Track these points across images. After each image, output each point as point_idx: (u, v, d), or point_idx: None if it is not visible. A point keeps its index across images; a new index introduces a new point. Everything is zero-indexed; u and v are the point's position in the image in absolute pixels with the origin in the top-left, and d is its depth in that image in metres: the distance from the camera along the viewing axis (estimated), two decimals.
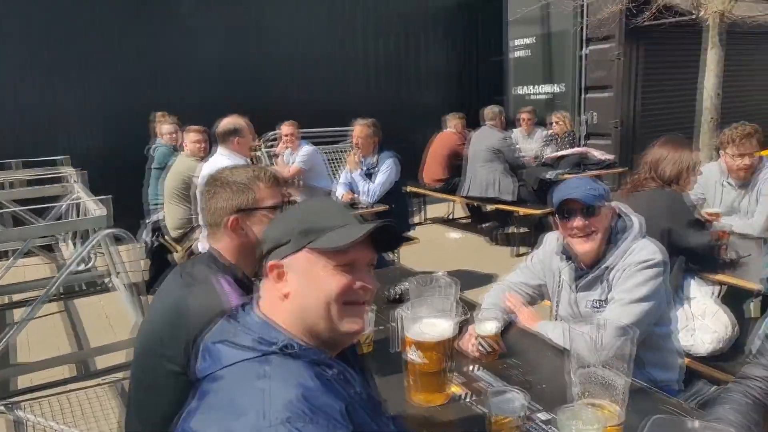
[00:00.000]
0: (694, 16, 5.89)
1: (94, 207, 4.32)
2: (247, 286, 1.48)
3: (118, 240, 4.11)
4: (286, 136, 5.48)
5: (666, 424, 1.03)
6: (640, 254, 1.87)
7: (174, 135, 5.57)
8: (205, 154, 4.53)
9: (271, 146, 6.94)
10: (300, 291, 1.08)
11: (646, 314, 1.83)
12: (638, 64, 7.22)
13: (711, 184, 3.36)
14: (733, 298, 2.91)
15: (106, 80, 7.12)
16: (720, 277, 2.65)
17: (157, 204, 5.24)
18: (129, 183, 5.74)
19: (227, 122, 3.73)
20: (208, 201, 1.54)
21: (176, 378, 1.33)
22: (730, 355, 2.42)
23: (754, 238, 3.04)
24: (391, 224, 1.11)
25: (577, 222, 1.88)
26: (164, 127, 5.59)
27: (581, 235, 1.89)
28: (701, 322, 2.43)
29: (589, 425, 1.24)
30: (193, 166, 4.35)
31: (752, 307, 3.10)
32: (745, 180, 3.22)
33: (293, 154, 5.59)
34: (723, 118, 5.90)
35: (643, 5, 6.29)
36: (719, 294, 2.71)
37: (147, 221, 5.21)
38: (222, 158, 3.59)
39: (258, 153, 7.24)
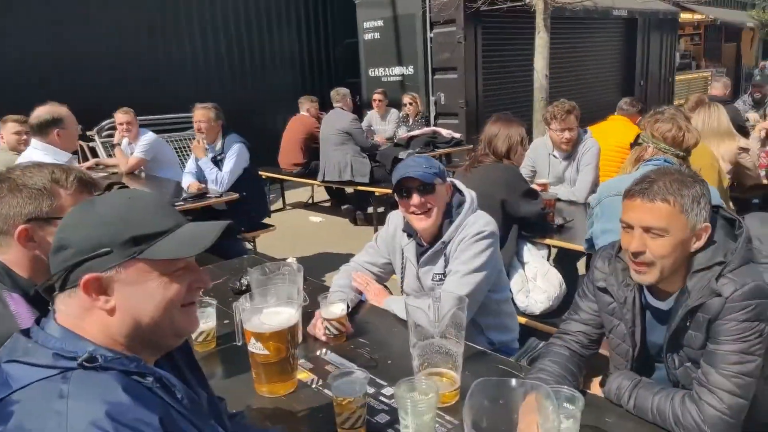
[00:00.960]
0: (523, 2, 6.36)
1: None
2: (42, 304, 1.29)
3: None
4: (121, 124, 5.01)
5: (488, 386, 1.07)
6: (473, 227, 1.97)
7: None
8: (26, 146, 3.97)
9: (108, 136, 6.33)
10: (132, 304, 0.96)
11: (482, 283, 1.94)
12: (479, 47, 7.68)
13: (540, 157, 3.67)
14: (563, 260, 3.23)
15: None
16: (549, 240, 2.91)
17: None
18: None
19: (44, 111, 3.26)
20: None
21: None
22: (559, 311, 2.67)
23: (579, 204, 3.39)
24: (231, 226, 1.03)
25: (415, 199, 1.93)
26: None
27: (420, 212, 1.95)
28: (534, 284, 2.65)
29: (424, 395, 1.27)
30: (13, 161, 3.80)
31: (579, 266, 3.47)
32: (568, 152, 3.56)
33: (132, 144, 5.14)
34: (552, 96, 6.49)
35: None
36: (549, 257, 2.97)
37: None
38: (38, 153, 3.13)
39: (93, 144, 6.58)
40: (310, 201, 7.60)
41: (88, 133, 6.29)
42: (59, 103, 3.37)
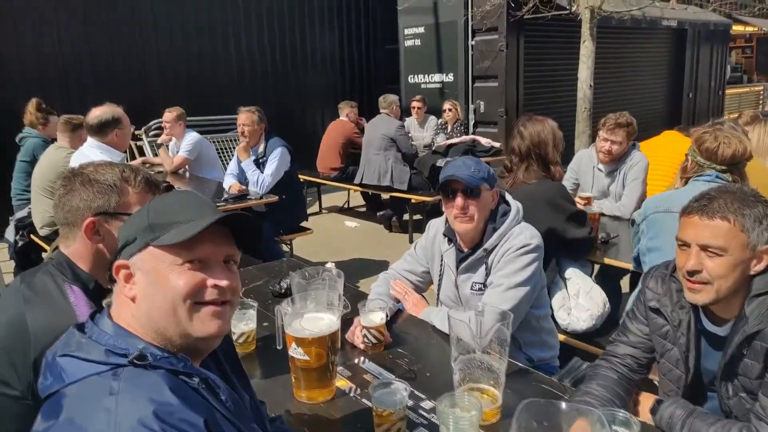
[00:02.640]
0: (569, 11, 6.25)
1: None
2: (100, 299, 1.32)
3: None
4: (168, 123, 5.13)
5: (536, 407, 1.04)
6: (517, 239, 1.92)
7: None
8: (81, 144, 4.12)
9: (155, 136, 6.50)
10: (146, 293, 0.98)
11: (524, 298, 1.89)
12: (521, 55, 7.59)
13: (584, 169, 3.59)
14: (606, 277, 3.14)
15: None
16: (592, 257, 2.82)
17: (22, 200, 4.71)
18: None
19: (103, 112, 3.38)
20: (63, 197, 1.34)
21: (16, 404, 1.15)
22: (604, 330, 2.59)
23: (623, 220, 3.29)
24: (240, 214, 1.03)
25: (458, 202, 1.91)
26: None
27: (462, 215, 1.92)
28: (576, 301, 2.58)
29: (466, 412, 1.25)
30: (66, 158, 3.94)
31: (622, 284, 3.36)
32: (605, 162, 3.47)
33: (178, 144, 5.26)
34: (596, 107, 6.36)
35: None
36: (593, 273, 2.89)
37: (12, 218, 4.67)
38: (94, 152, 3.24)
39: (140, 143, 6.77)
40: (346, 205, 7.64)
41: (136, 132, 6.47)
42: (114, 103, 3.48)
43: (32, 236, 4.38)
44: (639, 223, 2.47)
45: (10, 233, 4.52)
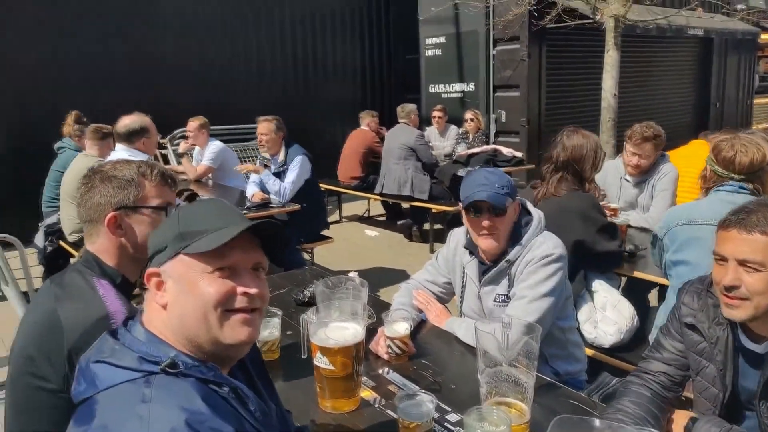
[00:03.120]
0: (593, 20, 6.20)
1: None
2: (126, 293, 1.35)
3: (8, 245, 3.75)
4: (192, 132, 5.20)
5: (569, 424, 1.02)
6: (540, 249, 1.90)
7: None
8: (108, 153, 4.20)
9: (178, 144, 6.59)
10: (177, 300, 0.99)
11: (548, 309, 1.86)
12: (544, 65, 7.54)
13: (611, 180, 3.53)
14: (633, 290, 3.07)
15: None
16: (620, 270, 2.77)
17: (52, 207, 4.81)
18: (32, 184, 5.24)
19: (132, 121, 3.46)
20: (85, 195, 1.39)
21: (53, 397, 1.19)
22: (632, 345, 2.53)
23: (651, 232, 3.21)
24: (270, 222, 1.04)
25: (484, 222, 1.88)
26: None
27: (488, 234, 1.89)
28: (603, 314, 2.53)
29: (495, 426, 1.22)
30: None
31: (650, 297, 3.29)
32: (634, 175, 3.41)
33: (201, 152, 5.32)
34: (620, 117, 6.28)
35: (546, 8, 6.56)
36: (620, 286, 2.83)
37: (42, 224, 4.77)
38: (123, 155, 3.33)
39: (164, 152, 6.87)
40: (366, 214, 7.64)
41: (161, 141, 6.57)
42: (142, 113, 3.56)
43: (61, 242, 4.46)
44: (661, 237, 2.41)
45: (39, 239, 4.61)
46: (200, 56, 7.80)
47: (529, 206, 2.01)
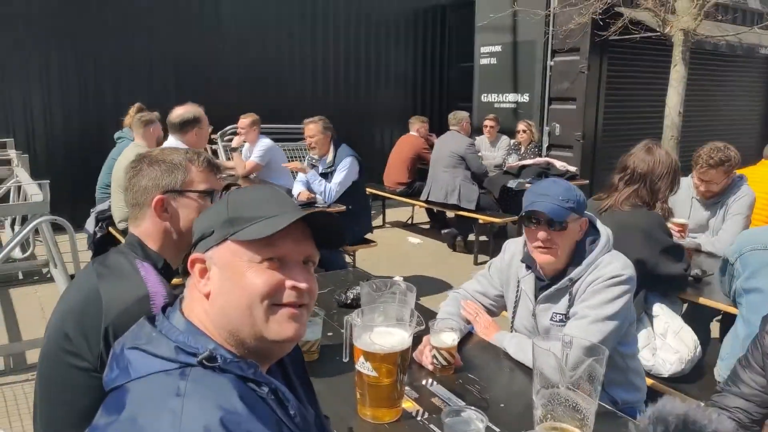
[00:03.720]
0: (660, 33, 5.95)
1: (35, 192, 4.07)
2: (168, 278, 1.31)
3: (60, 229, 3.86)
4: (243, 128, 5.24)
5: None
6: (608, 268, 1.76)
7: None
8: (160, 144, 4.26)
9: (230, 141, 6.68)
10: (221, 289, 0.92)
11: (611, 334, 1.72)
12: (604, 78, 7.29)
13: (681, 199, 3.30)
14: (695, 317, 2.87)
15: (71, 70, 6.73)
16: (683, 294, 2.58)
17: (105, 194, 4.93)
18: (91, 170, 5.40)
19: (185, 111, 3.48)
20: (132, 179, 1.39)
21: (85, 376, 1.16)
22: (692, 376, 2.34)
23: (719, 257, 2.99)
24: (326, 213, 0.97)
25: (540, 234, 1.76)
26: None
27: (543, 246, 1.77)
28: (663, 341, 2.35)
29: None
30: None
31: (712, 327, 3.07)
32: (707, 200, 3.18)
33: (251, 149, 5.36)
34: (683, 136, 5.99)
35: (611, 18, 6.34)
36: (681, 313, 2.64)
37: (93, 210, 4.89)
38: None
39: (215, 147, 6.97)
40: (410, 221, 7.55)
41: (212, 136, 6.68)
42: (194, 104, 3.57)
43: (110, 229, 4.56)
44: (733, 262, 2.23)
45: (90, 224, 4.72)
46: (256, 56, 7.91)
47: (598, 224, 1.87)
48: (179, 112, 3.40)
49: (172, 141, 3.48)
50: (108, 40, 6.88)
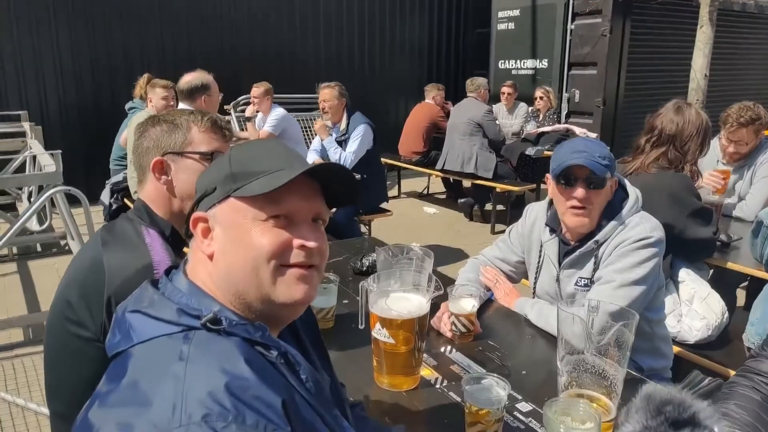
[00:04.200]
0: None
1: (48, 162, 4.07)
2: (175, 244, 1.27)
3: (76, 201, 3.87)
4: (256, 98, 5.16)
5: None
6: (635, 230, 1.68)
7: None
8: (165, 106, 4.20)
9: (242, 111, 6.61)
10: (225, 249, 0.86)
11: (638, 299, 1.64)
12: (626, 41, 7.03)
13: (707, 162, 3.18)
14: (721, 283, 2.78)
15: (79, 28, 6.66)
16: (710, 260, 2.49)
17: (120, 166, 4.92)
18: (105, 142, 5.39)
19: (194, 77, 3.40)
20: (137, 140, 1.34)
21: (89, 346, 1.13)
22: (719, 342, 2.27)
23: (747, 222, 2.89)
24: (336, 165, 0.89)
25: (579, 192, 1.66)
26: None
27: (580, 206, 1.68)
28: (689, 307, 2.28)
29: (580, 422, 1.05)
30: None
31: (737, 293, 2.98)
32: (734, 162, 3.06)
33: (264, 118, 5.29)
34: (709, 100, 5.78)
35: None
36: (708, 278, 2.55)
37: (108, 182, 4.89)
38: None
39: (228, 117, 6.91)
40: (426, 191, 7.47)
41: (225, 107, 6.61)
42: (204, 70, 3.49)
43: (126, 200, 4.56)
44: (767, 225, 2.14)
45: (105, 196, 4.72)
46: (270, 25, 7.78)
47: (627, 184, 1.79)
48: (187, 79, 3.33)
49: (181, 107, 3.42)
50: (121, 9, 6.79)
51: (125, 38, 6.90)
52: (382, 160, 6.13)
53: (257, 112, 5.32)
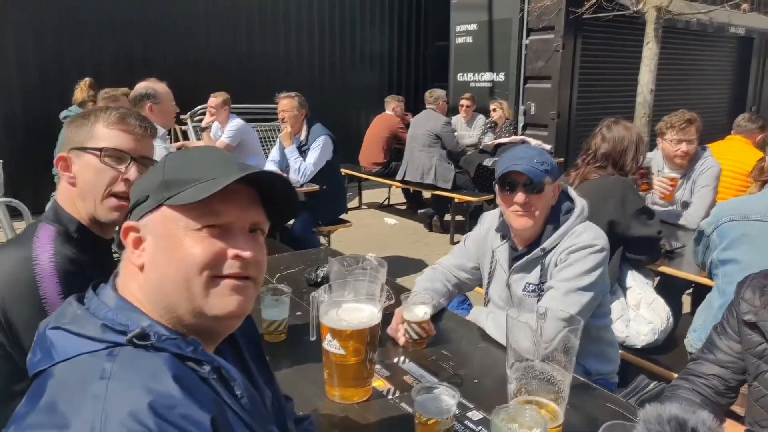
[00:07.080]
0: (633, 10, 5.93)
1: None
2: (84, 242, 1.23)
3: (18, 213, 3.71)
4: (213, 108, 5.08)
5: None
6: (581, 237, 1.72)
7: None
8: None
9: (200, 121, 6.49)
10: (156, 260, 0.82)
11: (587, 305, 1.69)
12: (578, 56, 7.27)
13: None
14: (667, 290, 2.88)
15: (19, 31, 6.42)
16: (656, 267, 2.58)
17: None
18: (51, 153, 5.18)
19: (141, 85, 3.34)
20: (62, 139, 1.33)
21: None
22: (664, 347, 2.35)
23: (689, 230, 3.00)
24: (273, 173, 0.87)
25: (519, 197, 1.72)
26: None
27: (521, 211, 1.73)
28: (636, 312, 2.35)
29: (527, 429, 1.06)
30: None
31: (683, 299, 3.09)
32: (682, 167, 3.17)
33: (222, 128, 5.21)
34: (655, 113, 6.01)
35: None
36: (654, 285, 2.64)
37: (54, 194, 4.69)
38: None
39: (184, 127, 6.78)
40: (386, 202, 7.49)
41: (182, 116, 6.48)
42: (159, 80, 3.42)
43: None
44: (709, 234, 2.23)
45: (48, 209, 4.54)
46: (228, 37, 7.69)
47: (572, 193, 1.84)
48: (136, 86, 3.27)
49: None
50: (71, 16, 6.58)
51: (75, 46, 6.68)
52: (343, 170, 6.13)
53: (213, 121, 5.23)
